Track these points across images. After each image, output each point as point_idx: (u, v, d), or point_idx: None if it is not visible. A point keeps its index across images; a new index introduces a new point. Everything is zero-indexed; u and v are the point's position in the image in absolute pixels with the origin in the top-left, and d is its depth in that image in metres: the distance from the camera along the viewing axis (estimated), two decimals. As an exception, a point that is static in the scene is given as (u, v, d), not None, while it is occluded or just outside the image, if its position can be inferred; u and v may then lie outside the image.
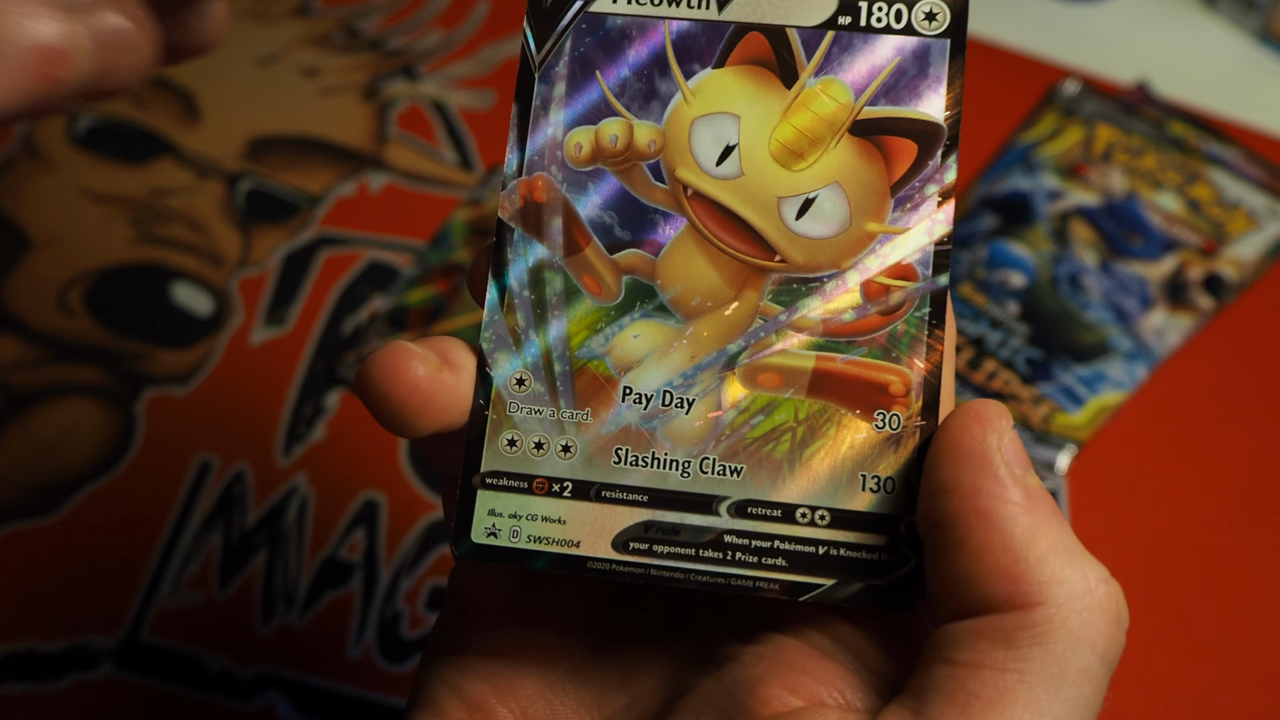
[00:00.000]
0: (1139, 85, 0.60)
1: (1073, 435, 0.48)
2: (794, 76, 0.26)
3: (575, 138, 0.26)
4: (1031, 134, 0.58)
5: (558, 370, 0.26)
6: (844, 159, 0.26)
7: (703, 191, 0.26)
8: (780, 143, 0.26)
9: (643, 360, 0.26)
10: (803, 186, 0.26)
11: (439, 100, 0.62)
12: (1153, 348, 0.51)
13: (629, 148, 0.26)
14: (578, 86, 0.27)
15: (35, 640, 0.47)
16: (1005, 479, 0.23)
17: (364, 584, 0.48)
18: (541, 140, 0.26)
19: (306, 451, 0.51)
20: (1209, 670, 0.45)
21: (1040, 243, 0.54)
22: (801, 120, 0.26)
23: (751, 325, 0.26)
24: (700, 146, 0.26)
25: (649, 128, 0.26)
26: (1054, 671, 0.22)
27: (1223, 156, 0.57)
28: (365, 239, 0.57)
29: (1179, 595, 0.47)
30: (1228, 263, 0.54)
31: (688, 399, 0.25)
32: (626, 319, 0.26)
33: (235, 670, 0.46)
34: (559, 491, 0.25)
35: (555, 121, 0.27)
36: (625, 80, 0.27)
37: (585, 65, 0.27)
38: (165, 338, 0.54)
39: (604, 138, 0.26)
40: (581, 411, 0.26)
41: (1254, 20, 0.64)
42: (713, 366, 0.26)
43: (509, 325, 0.26)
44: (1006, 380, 0.49)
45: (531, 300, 0.26)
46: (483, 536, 0.25)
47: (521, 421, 0.26)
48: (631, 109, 0.26)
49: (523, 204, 0.26)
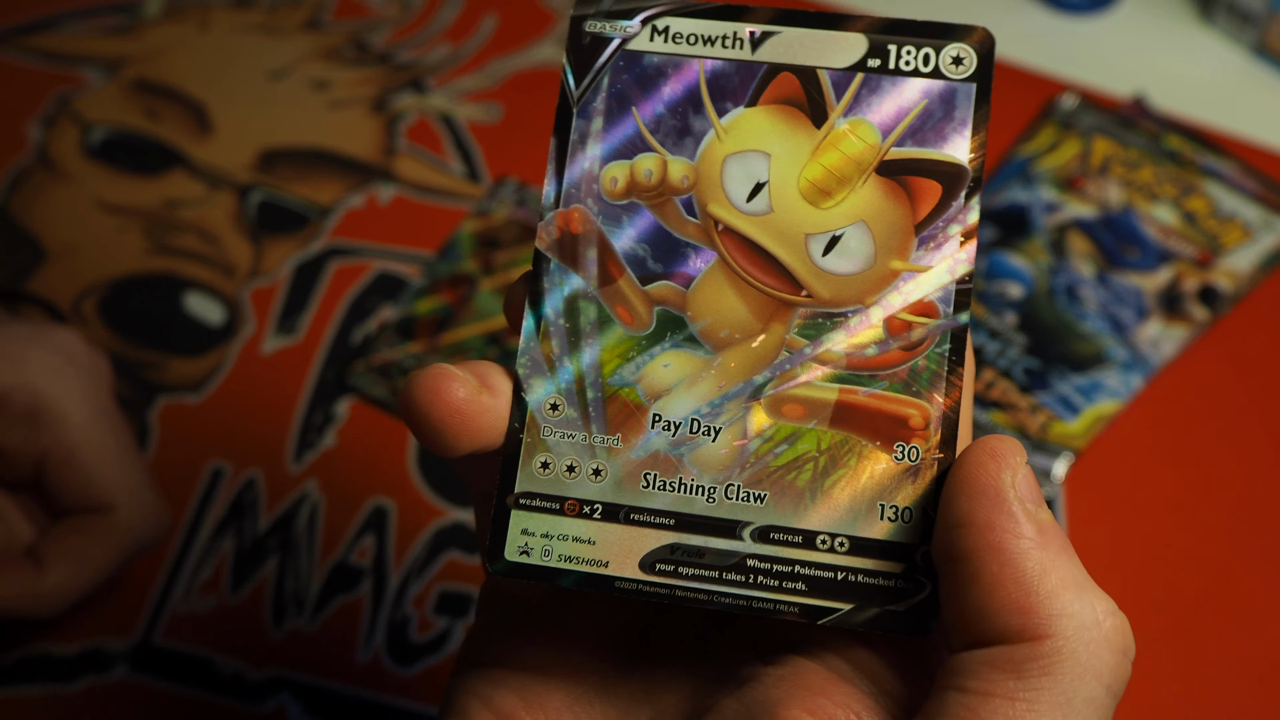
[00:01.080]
0: (1136, 99, 0.61)
1: (1069, 444, 0.49)
2: (824, 116, 0.27)
3: (611, 172, 0.27)
4: (1030, 147, 0.59)
5: (590, 396, 0.27)
6: (870, 198, 0.27)
7: (733, 227, 0.27)
8: (809, 181, 0.27)
9: (672, 389, 0.27)
10: (830, 224, 0.27)
11: (447, 113, 0.63)
12: (1148, 358, 0.52)
13: (663, 182, 0.27)
14: (614, 122, 0.27)
15: (51, 643, 0.47)
16: (1019, 515, 0.24)
17: (373, 589, 0.49)
18: (578, 173, 0.27)
19: (317, 459, 0.52)
20: (1204, 677, 0.46)
21: (1038, 254, 0.55)
22: (830, 159, 0.27)
23: (777, 357, 0.26)
24: (731, 183, 0.27)
25: (682, 163, 0.27)
26: (1061, 701, 0.23)
27: (1218, 170, 0.58)
28: (374, 250, 0.58)
29: (1174, 602, 0.48)
30: (1223, 274, 0.54)
31: (715, 427, 0.26)
32: (657, 348, 0.27)
33: (247, 673, 0.47)
34: (589, 513, 0.26)
35: (592, 155, 0.27)
36: (660, 116, 0.27)
37: (622, 101, 0.28)
38: (178, 346, 0.55)
39: (639, 172, 0.27)
40: (612, 437, 0.27)
41: (1250, 35, 0.64)
42: (739, 396, 0.26)
43: (544, 352, 0.27)
44: (1004, 390, 0.50)
45: (566, 329, 0.27)
46: (516, 555, 0.26)
47: (555, 445, 0.27)
48: (666, 145, 0.27)
49: (559, 235, 0.27)
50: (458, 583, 0.49)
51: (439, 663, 0.47)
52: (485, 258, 0.57)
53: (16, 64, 0.65)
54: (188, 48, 0.66)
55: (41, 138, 0.62)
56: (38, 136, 0.62)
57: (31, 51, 0.65)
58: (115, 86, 0.64)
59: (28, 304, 0.53)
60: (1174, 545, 0.49)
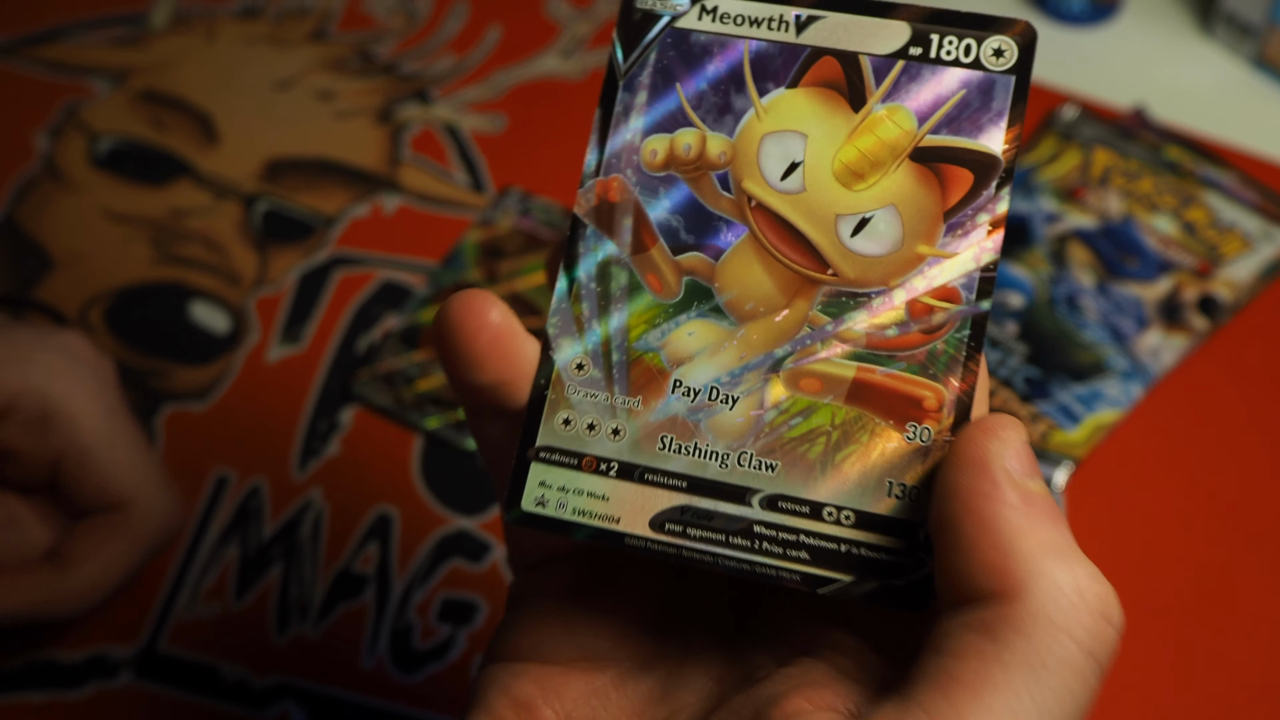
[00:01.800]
0: (1136, 110, 0.62)
1: (1070, 453, 0.49)
2: (862, 101, 0.28)
3: (651, 144, 0.28)
4: (1031, 158, 0.60)
5: (615, 359, 0.28)
6: (902, 183, 0.27)
7: (766, 204, 0.28)
8: (843, 163, 0.27)
9: (695, 356, 0.27)
10: (860, 206, 0.27)
11: (451, 124, 0.64)
12: (1148, 367, 0.52)
13: (701, 157, 0.28)
14: (658, 96, 0.28)
15: (56, 650, 0.48)
16: (1001, 482, 0.24)
17: (377, 596, 0.49)
18: (620, 144, 0.28)
19: (321, 466, 0.52)
20: (1204, 684, 0.46)
21: (1038, 264, 0.55)
22: (865, 143, 0.27)
23: (799, 333, 0.27)
24: (767, 161, 0.28)
25: (721, 139, 0.28)
26: (1034, 660, 0.24)
27: (1218, 180, 0.58)
28: (379, 259, 0.58)
29: (1174, 609, 0.48)
30: (1222, 284, 0.55)
31: (733, 396, 0.27)
32: (683, 317, 0.28)
33: (251, 680, 0.47)
34: (605, 470, 0.27)
35: (634, 128, 0.28)
36: (702, 93, 0.28)
37: (666, 77, 0.28)
38: (184, 355, 0.55)
39: (678, 146, 0.28)
40: (634, 399, 0.27)
41: (1249, 46, 0.65)
42: (759, 368, 0.27)
43: (575, 314, 0.28)
44: (1005, 399, 0.50)
45: (597, 292, 0.28)
46: (532, 505, 0.27)
47: (578, 403, 0.27)
48: (706, 121, 0.28)
49: (598, 202, 0.28)
50: (461, 590, 0.49)
51: (442, 670, 0.47)
52: (489, 267, 0.57)
53: (24, 74, 0.65)
54: (194, 58, 0.66)
55: (48, 147, 0.62)
56: (45, 146, 0.62)
57: (39, 62, 0.66)
58: (122, 96, 0.64)
59: (31, 310, 0.54)
60: (1174, 553, 0.49)
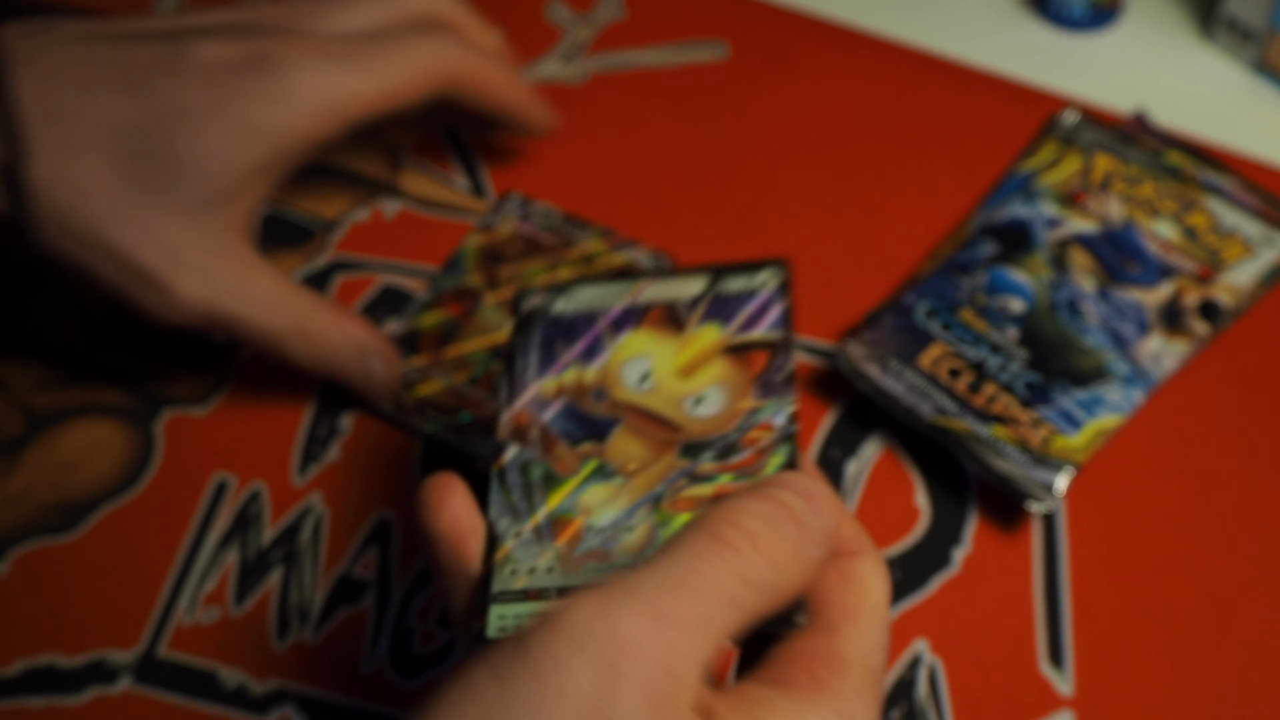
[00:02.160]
0: (1137, 115, 0.62)
1: (1071, 458, 0.49)
2: (683, 327, 0.41)
3: (547, 385, 0.41)
4: (1031, 163, 0.60)
5: (542, 523, 0.37)
6: (722, 368, 0.40)
7: (631, 402, 0.40)
8: (678, 366, 0.40)
9: (598, 507, 0.38)
10: (695, 388, 0.40)
11: (451, 127, 0.64)
12: (1149, 372, 0.52)
13: (579, 385, 0.41)
14: (549, 355, 0.42)
15: (55, 654, 0.48)
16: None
17: (377, 601, 0.49)
18: (525, 387, 0.41)
19: (321, 471, 0.52)
20: (1206, 691, 0.46)
21: (1039, 269, 0.55)
22: (690, 353, 0.41)
23: (669, 475, 0.38)
24: (627, 376, 0.40)
25: (594, 370, 0.41)
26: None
27: (1219, 185, 0.58)
28: (379, 264, 0.58)
29: (1175, 616, 0.48)
30: (1223, 289, 0.55)
31: (631, 525, 0.37)
32: (586, 485, 0.38)
33: (251, 685, 0.47)
34: (547, 596, 0.36)
35: (534, 376, 0.41)
36: (577, 345, 0.42)
37: (549, 344, 0.42)
38: (184, 359, 0.55)
39: (565, 381, 0.41)
40: (560, 544, 0.37)
41: (1250, 51, 0.65)
42: (646, 504, 0.37)
43: (508, 501, 0.38)
44: (1006, 404, 0.50)
45: (521, 483, 0.39)
46: (495, 633, 0.35)
47: (519, 558, 0.37)
48: (581, 360, 0.41)
49: (514, 427, 0.40)
50: (461, 595, 0.49)
51: (443, 675, 0.47)
52: (489, 272, 0.57)
53: (25, 79, 0.65)
54: (194, 63, 0.66)
55: (49, 152, 0.62)
56: (45, 151, 0.62)
57: (39, 67, 0.66)
58: (122, 101, 0.64)
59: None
60: (1175, 559, 0.49)
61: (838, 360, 0.52)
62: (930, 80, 0.65)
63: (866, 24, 0.68)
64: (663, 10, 0.68)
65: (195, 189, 0.47)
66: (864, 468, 0.52)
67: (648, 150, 0.62)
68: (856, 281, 0.57)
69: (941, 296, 0.54)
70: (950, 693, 0.46)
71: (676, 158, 0.62)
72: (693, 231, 0.59)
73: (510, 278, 0.57)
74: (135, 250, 0.47)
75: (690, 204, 0.60)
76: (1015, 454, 0.49)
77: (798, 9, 0.68)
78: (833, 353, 0.53)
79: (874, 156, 0.62)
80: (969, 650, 0.47)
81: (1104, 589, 0.49)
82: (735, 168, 0.62)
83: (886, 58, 0.66)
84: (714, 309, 0.41)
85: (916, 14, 0.68)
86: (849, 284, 0.57)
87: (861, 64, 0.66)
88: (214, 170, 0.47)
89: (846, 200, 0.60)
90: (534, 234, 0.58)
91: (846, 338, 0.53)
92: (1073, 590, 0.48)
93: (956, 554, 0.49)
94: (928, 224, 0.59)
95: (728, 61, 0.66)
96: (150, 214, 0.47)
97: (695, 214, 0.60)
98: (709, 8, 0.68)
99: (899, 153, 0.62)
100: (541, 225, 0.58)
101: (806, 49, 0.66)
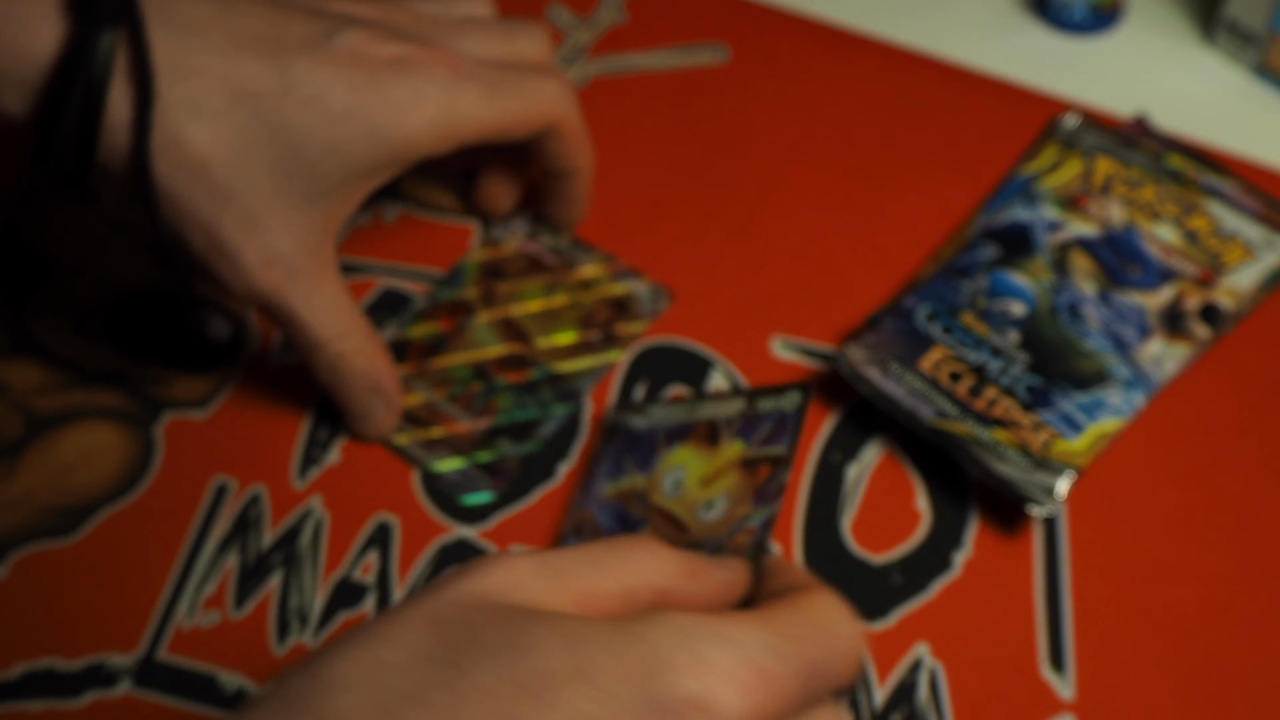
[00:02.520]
0: (1138, 119, 0.62)
1: (1072, 461, 0.49)
2: (718, 442, 0.48)
3: (608, 489, 0.49)
4: (1032, 166, 0.59)
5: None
6: (733, 479, 0.46)
7: (660, 506, 0.47)
8: (702, 476, 0.47)
9: None
10: (710, 496, 0.46)
11: (452, 131, 0.63)
12: (1150, 376, 0.52)
13: (632, 489, 0.48)
14: (618, 466, 0.50)
15: (55, 658, 0.48)
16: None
17: (377, 605, 0.49)
18: (595, 490, 0.49)
19: (321, 475, 0.52)
20: (1208, 695, 0.46)
21: (1040, 273, 0.55)
22: (715, 465, 0.47)
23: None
24: (665, 483, 0.48)
25: (643, 478, 0.49)
26: None
27: (1220, 189, 0.58)
28: (380, 266, 0.58)
29: (1176, 620, 0.48)
30: (1224, 293, 0.55)
31: None
32: None
33: (251, 689, 0.47)
34: None
35: (602, 482, 0.50)
36: (638, 456, 0.49)
37: (619, 456, 0.50)
38: (184, 362, 0.55)
39: (622, 487, 0.49)
40: None
41: (1251, 55, 0.65)
42: None
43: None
44: (1007, 407, 0.50)
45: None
46: None
47: None
48: (637, 470, 0.49)
49: (579, 522, 0.49)
50: (461, 599, 0.49)
51: (442, 679, 0.47)
52: (487, 287, 0.57)
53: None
54: (195, 66, 0.66)
55: (49, 155, 0.62)
56: (46, 154, 0.62)
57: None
58: (123, 104, 0.64)
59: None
60: (1176, 563, 0.49)
61: (838, 364, 0.52)
62: (931, 83, 0.65)
63: (867, 27, 0.68)
64: (663, 13, 0.68)
65: (306, 179, 0.47)
66: (865, 471, 0.52)
67: (649, 153, 0.62)
68: (857, 284, 0.57)
69: (942, 300, 0.54)
70: (951, 697, 0.46)
71: (677, 161, 0.62)
72: (693, 235, 0.59)
73: (508, 294, 0.57)
74: (231, 230, 0.46)
75: (691, 207, 0.60)
76: (1016, 458, 0.49)
77: (799, 12, 0.68)
78: (833, 356, 0.53)
79: (875, 159, 0.62)
80: (970, 654, 0.47)
81: (1105, 593, 0.48)
82: (736, 171, 0.62)
83: (887, 61, 0.66)
84: (744, 427, 0.48)
85: (917, 17, 0.68)
86: (849, 287, 0.57)
87: (862, 67, 0.66)
88: (329, 167, 0.47)
89: (847, 203, 0.60)
90: (539, 254, 0.58)
91: (847, 341, 0.53)
92: (1074, 594, 0.48)
93: (957, 558, 0.49)
94: (928, 227, 0.59)
95: (728, 65, 0.66)
96: (255, 196, 0.46)
97: (696, 217, 0.60)
98: (709, 11, 0.68)
99: (900, 156, 0.62)
100: (547, 247, 0.58)
101: (808, 52, 0.66)
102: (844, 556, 0.50)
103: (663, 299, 0.56)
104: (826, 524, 0.50)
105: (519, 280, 0.57)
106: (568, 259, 0.57)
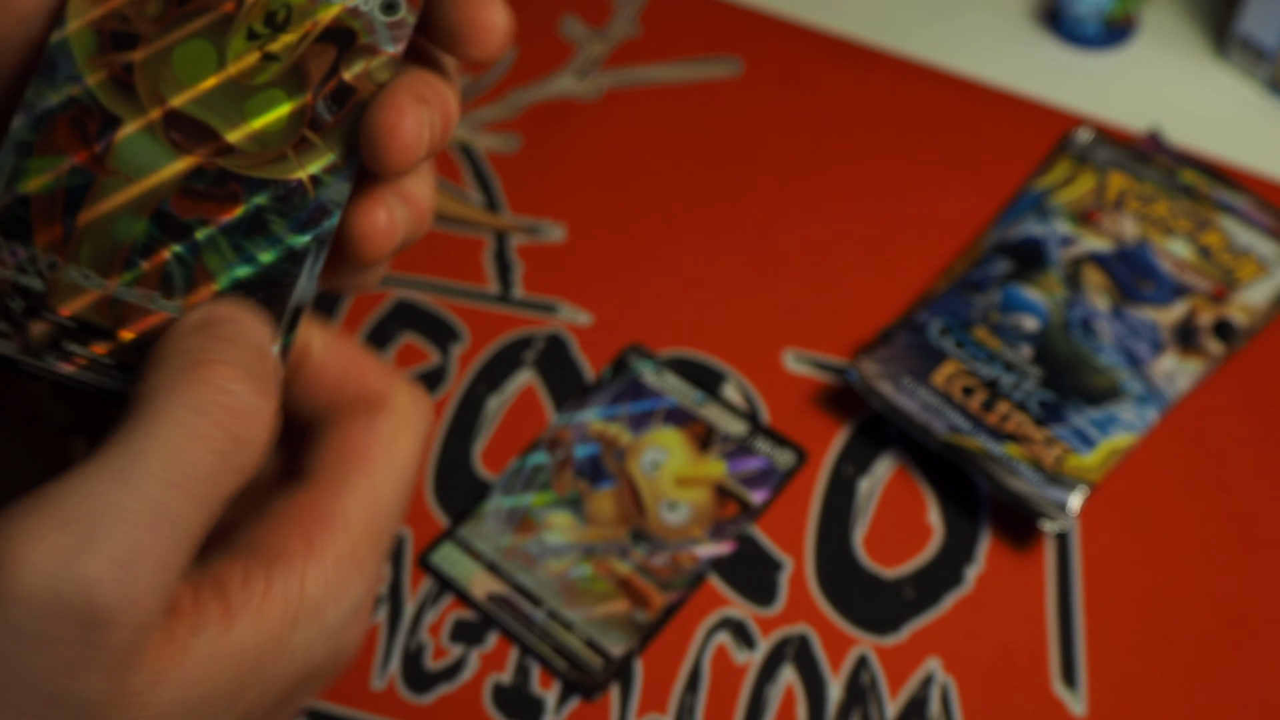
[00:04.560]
0: (1151, 134, 0.62)
1: (1084, 477, 0.49)
2: (706, 449, 0.51)
3: (596, 424, 0.52)
4: (1045, 181, 0.60)
5: (518, 511, 0.51)
6: (703, 497, 0.50)
7: (631, 476, 0.50)
8: (679, 474, 0.50)
9: (554, 530, 0.50)
10: (677, 497, 0.50)
11: (466, 143, 0.64)
12: (1163, 391, 0.52)
13: (616, 440, 0.51)
14: (616, 405, 0.53)
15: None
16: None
17: (389, 616, 0.49)
18: (584, 413, 0.52)
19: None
20: (1219, 711, 0.46)
21: (1053, 287, 0.55)
22: (694, 471, 0.50)
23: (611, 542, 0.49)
24: (644, 457, 0.51)
25: (630, 438, 0.52)
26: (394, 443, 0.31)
27: (1233, 204, 0.58)
28: (393, 278, 0.59)
29: (1189, 635, 0.48)
30: (1237, 308, 0.55)
31: (561, 556, 0.49)
32: (560, 508, 0.50)
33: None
34: (481, 561, 0.50)
35: (595, 412, 0.52)
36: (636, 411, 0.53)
37: (620, 398, 0.54)
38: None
39: (609, 431, 0.52)
40: (514, 536, 0.50)
41: (1264, 70, 0.65)
42: (581, 550, 0.49)
43: (515, 479, 0.52)
44: (1020, 422, 0.50)
45: (529, 472, 0.51)
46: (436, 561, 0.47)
47: (489, 527, 0.51)
48: (629, 426, 0.52)
49: (557, 435, 0.51)
50: (473, 611, 0.49)
51: (454, 691, 0.47)
52: (114, 65, 0.29)
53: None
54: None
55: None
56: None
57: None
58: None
59: None
60: (1189, 578, 0.49)
61: (851, 377, 0.52)
62: (944, 97, 0.65)
63: (880, 41, 0.68)
64: (677, 27, 0.68)
65: None
66: (877, 485, 0.52)
67: (662, 165, 0.62)
68: (870, 298, 0.57)
69: (955, 314, 0.54)
70: (963, 712, 0.46)
71: (690, 173, 0.62)
72: (705, 248, 0.59)
73: (155, 69, 0.29)
74: None
75: (704, 219, 0.60)
76: (1029, 473, 0.49)
77: (812, 26, 0.68)
78: (846, 370, 0.53)
79: (887, 173, 0.62)
80: (982, 669, 0.47)
81: (1117, 608, 0.48)
82: (749, 183, 0.62)
83: (900, 74, 0.66)
84: (735, 453, 0.50)
85: (930, 31, 0.69)
86: (862, 301, 0.57)
87: (875, 80, 0.66)
88: None
89: (860, 216, 0.60)
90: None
91: (860, 355, 0.53)
92: (1086, 609, 0.48)
93: (969, 572, 0.49)
94: (941, 241, 0.59)
95: (742, 78, 0.66)
96: None
97: (709, 229, 0.60)
98: (723, 24, 0.68)
99: (912, 169, 0.62)
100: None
101: (820, 66, 0.66)
102: (856, 570, 0.49)
103: (402, 5, 0.30)
104: (838, 537, 0.50)
105: (164, 37, 0.30)
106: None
